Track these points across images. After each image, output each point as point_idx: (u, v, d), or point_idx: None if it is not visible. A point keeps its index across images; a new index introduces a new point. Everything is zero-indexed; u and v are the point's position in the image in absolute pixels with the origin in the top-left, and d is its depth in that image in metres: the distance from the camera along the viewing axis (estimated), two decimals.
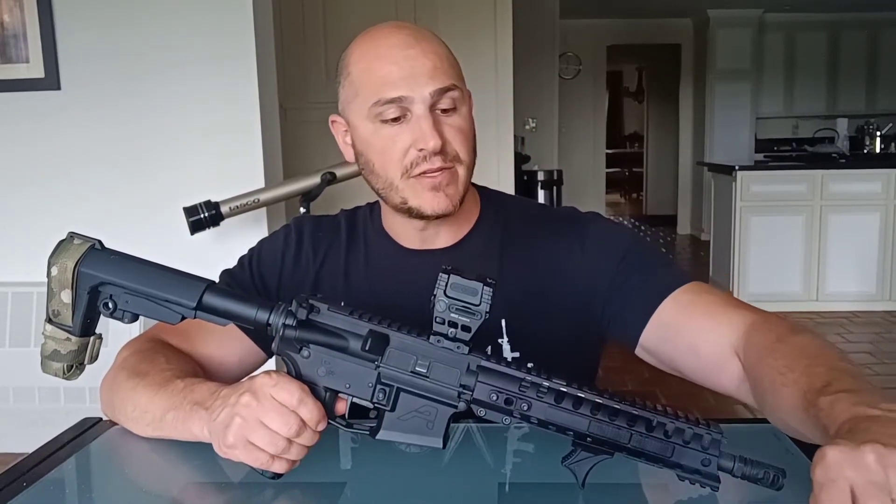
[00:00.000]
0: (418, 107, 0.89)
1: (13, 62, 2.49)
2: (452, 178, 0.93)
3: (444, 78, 0.90)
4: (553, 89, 6.31)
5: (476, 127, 0.99)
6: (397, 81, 0.89)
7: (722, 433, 0.66)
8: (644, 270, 0.96)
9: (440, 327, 0.69)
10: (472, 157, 0.95)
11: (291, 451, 0.70)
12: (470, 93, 0.99)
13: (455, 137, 0.92)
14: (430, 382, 0.69)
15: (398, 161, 0.92)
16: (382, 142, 0.92)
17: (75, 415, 0.98)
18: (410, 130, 0.90)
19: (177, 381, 0.84)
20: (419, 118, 0.90)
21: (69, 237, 0.73)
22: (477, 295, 0.68)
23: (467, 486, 0.75)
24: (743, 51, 7.35)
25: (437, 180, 0.92)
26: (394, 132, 0.91)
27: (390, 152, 0.92)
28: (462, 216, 1.00)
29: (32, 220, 2.56)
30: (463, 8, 3.79)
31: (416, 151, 0.90)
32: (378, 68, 0.90)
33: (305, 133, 3.48)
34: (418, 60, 0.89)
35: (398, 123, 0.91)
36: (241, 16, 2.47)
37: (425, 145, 0.89)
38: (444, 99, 0.90)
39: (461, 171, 0.93)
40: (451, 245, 1.00)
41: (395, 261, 1.01)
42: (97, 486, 0.84)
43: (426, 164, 0.91)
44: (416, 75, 0.89)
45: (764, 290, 4.75)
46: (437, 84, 0.89)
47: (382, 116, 0.90)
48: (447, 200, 0.92)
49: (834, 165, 4.96)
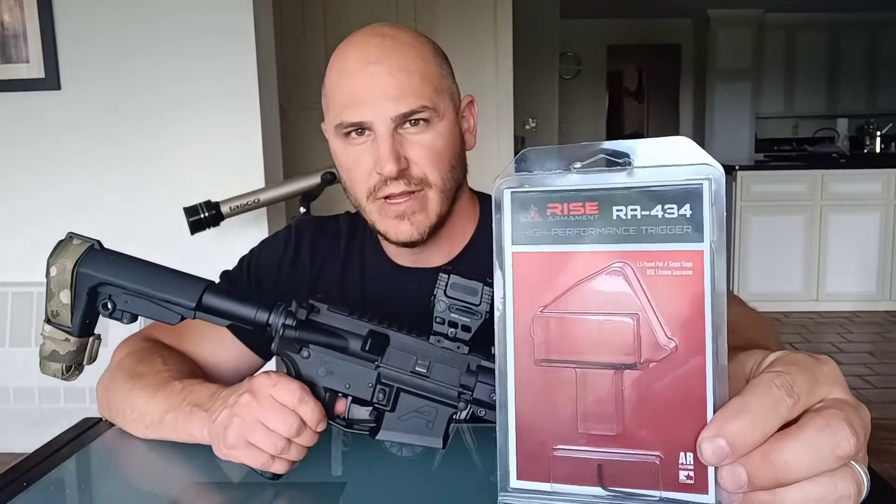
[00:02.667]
0: (379, 128, 0.85)
1: (13, 62, 2.50)
2: (421, 205, 0.88)
3: (410, 100, 0.84)
4: (553, 89, 6.31)
5: (476, 131, 0.95)
6: (359, 103, 0.85)
7: None
8: None
9: (440, 327, 0.69)
10: (448, 178, 0.89)
11: (291, 451, 0.70)
12: (471, 99, 0.96)
13: (422, 158, 0.87)
14: (430, 382, 0.69)
15: (363, 182, 0.89)
16: (348, 161, 0.90)
17: (75, 415, 0.98)
18: (372, 151, 0.86)
19: (175, 383, 0.84)
20: (379, 139, 0.85)
21: (68, 237, 0.73)
22: (477, 295, 0.68)
23: (467, 486, 0.75)
24: (743, 51, 7.34)
25: (401, 208, 0.88)
26: (358, 152, 0.88)
27: (356, 172, 0.89)
28: (456, 232, 0.97)
29: (32, 220, 2.56)
30: (463, 8, 3.79)
31: (377, 175, 0.87)
32: (343, 86, 0.87)
33: (305, 133, 3.48)
34: (382, 80, 0.84)
35: (363, 142, 0.87)
36: (241, 16, 2.47)
37: (381, 170, 0.85)
38: (412, 119, 0.86)
39: (432, 195, 0.88)
40: (446, 263, 0.98)
41: (387, 277, 1.00)
42: (97, 486, 0.84)
43: (388, 189, 0.87)
44: (379, 98, 0.84)
45: (764, 290, 4.75)
46: (401, 108, 0.84)
47: (348, 136, 0.88)
48: (413, 229, 0.89)
49: (834, 165, 4.96)
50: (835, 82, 7.52)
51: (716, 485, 0.41)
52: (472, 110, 0.96)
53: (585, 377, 0.44)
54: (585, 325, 0.44)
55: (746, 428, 0.39)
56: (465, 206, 0.99)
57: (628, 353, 0.43)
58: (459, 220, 0.97)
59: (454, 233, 0.97)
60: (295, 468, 0.72)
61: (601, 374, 0.44)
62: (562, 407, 0.45)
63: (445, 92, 0.90)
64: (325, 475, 0.77)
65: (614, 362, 0.43)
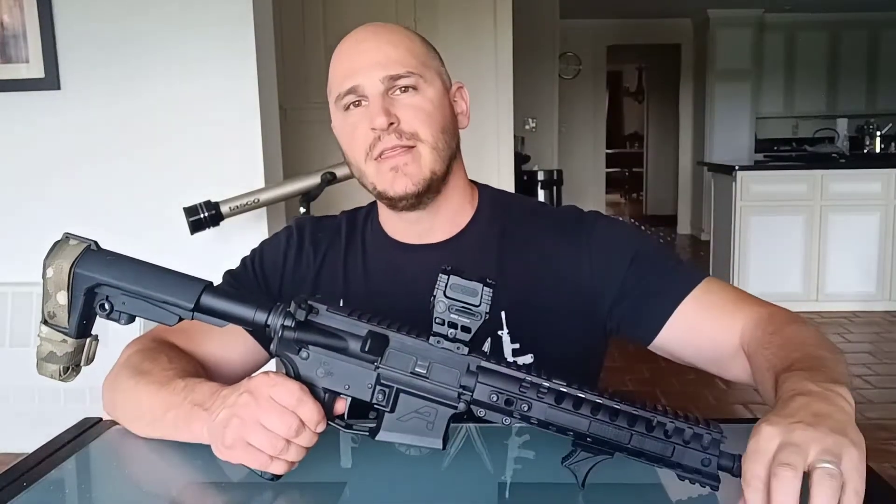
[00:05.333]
0: (370, 91, 0.93)
1: (13, 62, 2.50)
2: (414, 158, 0.94)
3: (396, 66, 0.93)
4: (553, 89, 6.31)
5: (475, 126, 1.00)
6: (351, 73, 0.94)
7: (722, 432, 0.66)
8: (657, 273, 0.96)
9: (440, 328, 0.69)
10: (440, 138, 0.96)
11: (290, 451, 0.69)
12: (461, 85, 1.02)
13: (413, 116, 0.94)
14: (430, 383, 0.69)
15: (361, 145, 0.95)
16: (347, 128, 0.97)
17: (75, 415, 0.98)
18: (366, 114, 0.94)
19: (177, 381, 0.84)
20: (371, 101, 0.94)
21: (64, 238, 0.73)
22: (477, 296, 0.68)
23: (467, 486, 0.75)
24: (743, 51, 7.35)
25: (395, 160, 0.94)
26: (355, 119, 0.95)
27: (353, 137, 0.96)
28: (456, 208, 1.01)
29: (32, 220, 2.56)
30: (463, 8, 3.78)
31: (370, 132, 0.93)
32: (338, 65, 0.97)
33: (305, 133, 3.48)
34: (371, 52, 0.94)
35: (359, 111, 0.95)
36: (241, 16, 2.47)
37: (373, 123, 0.92)
38: (400, 83, 0.94)
39: (424, 150, 0.95)
40: (448, 239, 1.01)
41: (391, 256, 1.02)
42: (97, 486, 0.84)
43: (382, 144, 0.93)
44: (368, 65, 0.94)
45: (764, 290, 4.72)
46: (387, 71, 0.93)
47: (344, 106, 0.96)
48: (406, 180, 0.94)
49: (834, 165, 4.96)
50: (835, 82, 7.52)
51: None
52: (463, 94, 1.03)
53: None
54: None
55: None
56: (462, 185, 1.03)
57: None
58: (458, 197, 1.01)
59: (454, 210, 1.01)
60: (294, 468, 0.72)
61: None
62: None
63: (432, 68, 0.98)
64: (325, 475, 0.77)
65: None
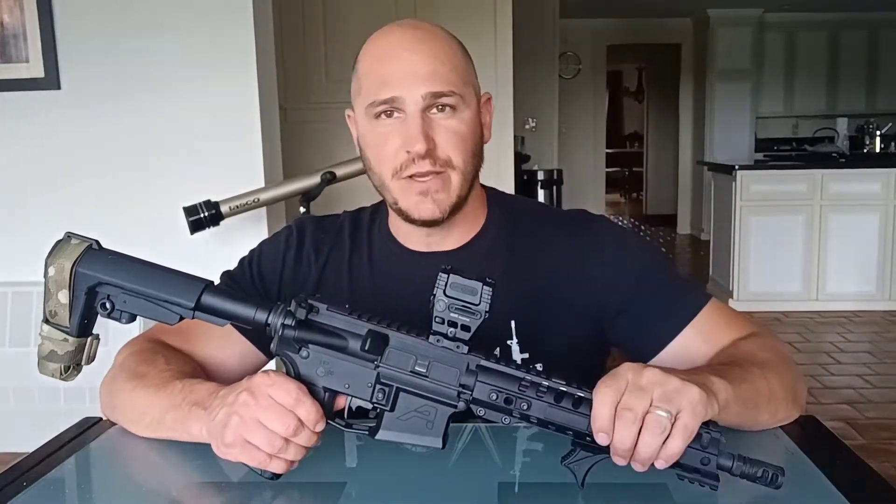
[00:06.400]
0: (410, 108, 0.89)
1: (13, 62, 2.50)
2: (443, 184, 0.92)
3: (440, 83, 0.89)
4: (553, 89, 6.31)
5: (491, 126, 0.99)
6: (392, 82, 0.89)
7: (721, 432, 0.66)
8: (664, 294, 0.95)
9: (440, 327, 0.69)
10: (469, 162, 0.93)
11: (289, 450, 0.70)
12: (489, 97, 0.99)
13: (448, 141, 0.91)
14: (430, 382, 0.69)
15: (389, 160, 0.92)
16: (376, 139, 0.92)
17: (75, 415, 0.98)
18: (401, 131, 0.90)
19: (176, 383, 0.84)
20: (409, 119, 0.89)
21: (66, 237, 0.73)
22: (476, 294, 0.68)
23: (467, 485, 0.75)
24: (743, 51, 7.35)
25: (426, 185, 0.91)
26: (387, 131, 0.91)
27: (383, 151, 0.92)
28: (469, 219, 0.99)
29: (32, 220, 2.56)
30: (463, 8, 3.78)
31: (405, 153, 0.90)
32: (378, 68, 0.91)
33: (305, 133, 3.48)
34: (417, 64, 0.89)
35: (392, 123, 0.91)
36: (241, 16, 2.47)
37: (411, 148, 0.89)
38: (440, 102, 0.90)
39: (454, 176, 0.92)
40: (459, 247, 0.99)
41: (400, 263, 1.00)
42: (97, 486, 0.84)
43: (414, 167, 0.90)
44: (412, 77, 0.89)
45: (764, 290, 4.75)
46: (431, 87, 0.89)
47: (377, 115, 0.91)
48: (434, 206, 0.92)
49: (834, 165, 4.96)
50: (835, 82, 7.52)
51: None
52: (489, 107, 1.01)
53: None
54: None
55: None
56: (477, 194, 1.01)
57: None
58: (472, 208, 0.99)
59: (467, 220, 0.99)
60: (294, 468, 0.72)
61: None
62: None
63: (470, 85, 0.94)
64: (325, 475, 0.77)
65: None
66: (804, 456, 0.79)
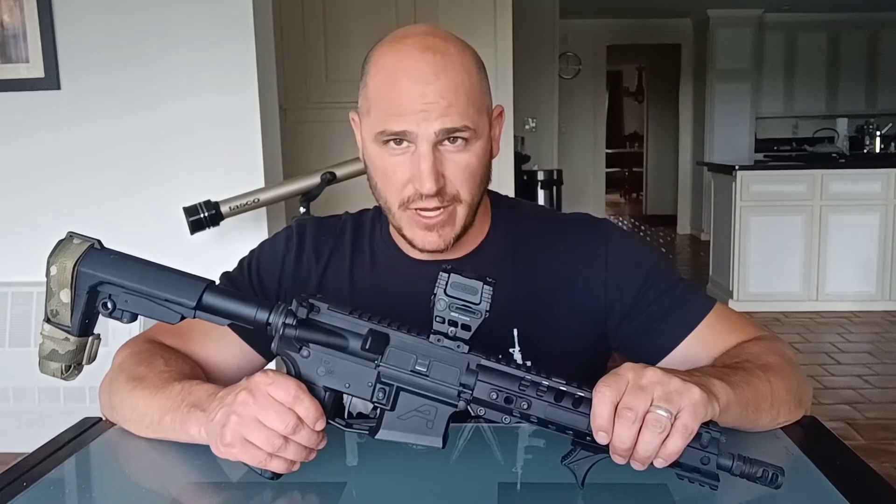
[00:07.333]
0: (422, 143, 0.86)
1: (13, 62, 2.50)
2: (449, 217, 0.91)
3: (456, 118, 0.86)
4: (553, 89, 6.30)
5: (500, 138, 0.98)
6: (405, 115, 0.86)
7: (721, 432, 0.66)
8: (669, 299, 0.95)
9: (440, 326, 0.69)
10: (477, 194, 0.93)
11: (289, 449, 0.69)
12: (501, 109, 0.97)
13: (458, 176, 0.89)
14: (430, 381, 0.69)
15: (397, 191, 0.90)
16: (385, 167, 0.90)
17: (75, 415, 0.98)
18: (411, 165, 0.88)
19: (174, 384, 0.84)
20: (420, 156, 0.87)
21: (68, 237, 0.73)
22: (477, 294, 0.68)
23: (467, 485, 0.75)
24: (743, 51, 7.35)
25: (433, 221, 0.90)
26: (396, 161, 0.89)
27: (391, 180, 0.90)
28: (473, 230, 0.98)
29: (32, 220, 2.56)
30: (463, 8, 3.78)
31: (413, 187, 0.89)
32: (392, 96, 0.87)
33: (305, 133, 3.48)
34: (432, 98, 0.85)
35: (402, 152, 0.88)
36: (241, 16, 2.47)
37: (420, 187, 0.87)
38: (454, 136, 0.87)
39: (460, 210, 0.91)
40: (463, 256, 0.99)
41: (403, 269, 1.00)
42: (97, 486, 0.84)
43: (422, 203, 0.89)
44: (426, 112, 0.85)
45: (764, 290, 4.75)
46: (445, 124, 0.86)
47: (387, 144, 0.89)
48: (439, 240, 0.92)
49: (834, 165, 4.96)
50: (835, 82, 7.52)
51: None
52: (500, 120, 0.98)
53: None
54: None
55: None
56: (482, 207, 1.00)
57: None
58: (478, 220, 0.98)
59: (472, 231, 0.98)
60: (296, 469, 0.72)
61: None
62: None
63: (484, 111, 0.92)
64: (325, 475, 0.77)
65: None
66: (804, 456, 0.79)
